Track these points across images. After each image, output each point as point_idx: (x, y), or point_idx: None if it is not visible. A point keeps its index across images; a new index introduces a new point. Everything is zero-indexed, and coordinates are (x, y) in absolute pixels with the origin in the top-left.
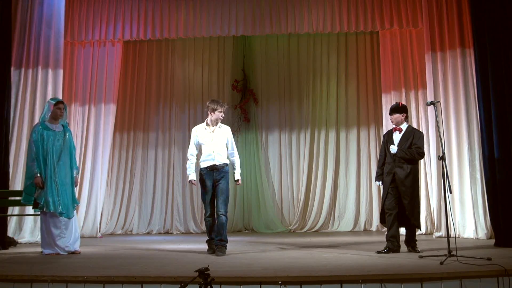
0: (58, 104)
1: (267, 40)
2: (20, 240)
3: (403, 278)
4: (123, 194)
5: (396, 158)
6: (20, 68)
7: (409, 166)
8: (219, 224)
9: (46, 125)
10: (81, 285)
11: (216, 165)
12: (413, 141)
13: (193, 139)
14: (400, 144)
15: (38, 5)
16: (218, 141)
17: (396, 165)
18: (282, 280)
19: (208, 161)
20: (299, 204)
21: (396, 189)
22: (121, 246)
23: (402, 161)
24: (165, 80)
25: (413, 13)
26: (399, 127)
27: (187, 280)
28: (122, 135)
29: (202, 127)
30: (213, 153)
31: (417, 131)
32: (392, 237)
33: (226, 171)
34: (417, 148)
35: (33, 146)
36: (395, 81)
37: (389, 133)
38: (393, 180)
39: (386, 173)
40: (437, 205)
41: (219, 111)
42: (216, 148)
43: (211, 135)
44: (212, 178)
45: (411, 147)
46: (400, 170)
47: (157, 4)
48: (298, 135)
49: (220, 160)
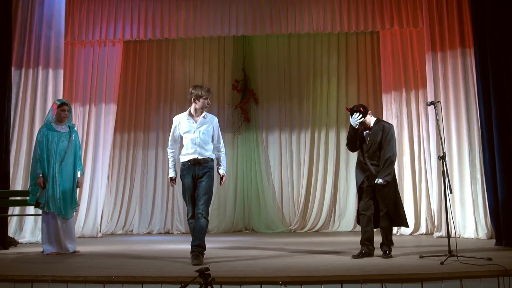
0: (62, 106)
1: (267, 40)
2: (21, 240)
3: (404, 278)
4: (124, 194)
5: (368, 155)
6: (21, 68)
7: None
8: (199, 227)
9: (51, 126)
10: (81, 285)
11: (198, 158)
12: (383, 144)
13: (173, 130)
14: (370, 144)
15: (38, 5)
16: (203, 132)
17: (369, 163)
18: (283, 280)
19: (190, 154)
20: (299, 204)
21: (371, 189)
22: (121, 246)
23: (376, 159)
24: (165, 80)
25: (413, 13)
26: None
27: (187, 280)
28: (123, 135)
29: (185, 116)
30: (196, 146)
31: (386, 125)
32: (367, 240)
33: (210, 166)
34: (390, 162)
35: (37, 147)
36: (396, 81)
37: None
38: (367, 178)
39: (360, 170)
40: (437, 205)
41: (205, 98)
42: (200, 140)
43: (195, 125)
44: (193, 173)
45: (381, 148)
46: (376, 168)
47: (157, 4)
48: (298, 135)
49: (203, 153)
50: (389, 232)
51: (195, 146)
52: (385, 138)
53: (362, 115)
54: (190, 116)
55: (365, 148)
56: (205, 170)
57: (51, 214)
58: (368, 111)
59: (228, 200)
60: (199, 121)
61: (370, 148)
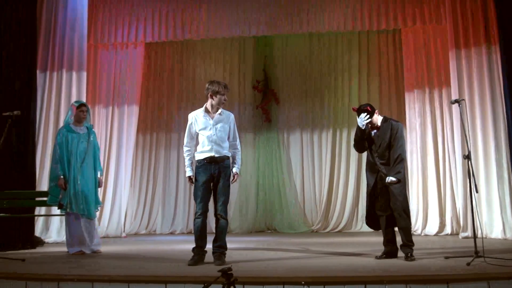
0: (80, 107)
1: (288, 39)
2: (47, 240)
3: (429, 279)
4: (147, 194)
5: (378, 155)
6: (45, 71)
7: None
8: (220, 228)
9: (71, 127)
10: (106, 284)
11: (215, 157)
12: (392, 143)
13: (189, 127)
14: (379, 144)
15: (62, 9)
16: (219, 129)
17: (379, 163)
18: (305, 281)
19: (206, 152)
20: (321, 204)
21: (385, 189)
22: (145, 246)
23: (386, 158)
24: (186, 81)
25: (436, 10)
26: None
27: (210, 280)
28: (145, 136)
29: (201, 112)
30: (212, 143)
31: (394, 124)
32: (389, 241)
33: (226, 165)
34: (400, 160)
35: (57, 149)
36: (418, 79)
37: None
38: (380, 179)
39: (370, 172)
40: (463, 205)
41: (222, 94)
42: (216, 138)
43: (211, 122)
44: (209, 172)
45: (390, 147)
46: (384, 168)
47: (178, 5)
48: (319, 134)
49: (220, 151)
50: (408, 233)
51: (212, 144)
52: (394, 136)
53: (369, 115)
54: (206, 113)
55: (374, 148)
56: (222, 169)
57: (74, 215)
58: (375, 110)
59: (250, 200)
60: (215, 117)
61: (379, 147)
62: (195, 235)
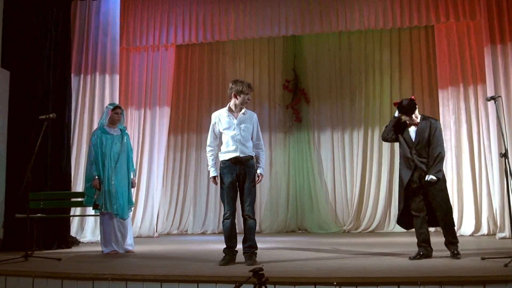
0: (115, 109)
1: (317, 38)
2: (82, 240)
3: (464, 280)
4: (178, 195)
5: (416, 152)
6: (79, 74)
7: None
8: (248, 228)
9: (105, 129)
10: (139, 283)
11: (240, 157)
12: (431, 140)
13: (212, 127)
14: (417, 140)
15: (94, 14)
16: (243, 129)
17: (417, 160)
18: (337, 281)
19: (231, 152)
20: (353, 204)
21: (422, 188)
22: (177, 246)
23: (424, 156)
24: (216, 81)
25: (470, 5)
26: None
27: (241, 280)
28: (176, 136)
29: (225, 112)
30: (237, 143)
31: (433, 121)
32: (423, 241)
33: (251, 165)
34: (440, 159)
35: (92, 150)
36: (452, 76)
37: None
38: (419, 178)
39: (406, 168)
40: (500, 204)
41: (245, 93)
42: (241, 137)
43: (235, 121)
44: (234, 173)
45: (429, 144)
46: (424, 166)
47: (208, 7)
48: (351, 134)
49: (245, 151)
50: (451, 231)
51: (236, 143)
52: (433, 134)
53: (414, 107)
54: (229, 112)
55: (411, 144)
56: (247, 169)
57: (108, 215)
58: (416, 105)
59: (280, 200)
60: (239, 117)
61: (418, 144)
62: (225, 236)
